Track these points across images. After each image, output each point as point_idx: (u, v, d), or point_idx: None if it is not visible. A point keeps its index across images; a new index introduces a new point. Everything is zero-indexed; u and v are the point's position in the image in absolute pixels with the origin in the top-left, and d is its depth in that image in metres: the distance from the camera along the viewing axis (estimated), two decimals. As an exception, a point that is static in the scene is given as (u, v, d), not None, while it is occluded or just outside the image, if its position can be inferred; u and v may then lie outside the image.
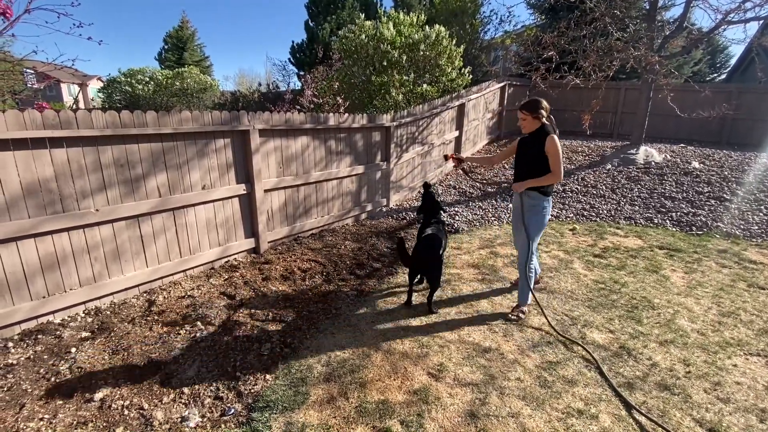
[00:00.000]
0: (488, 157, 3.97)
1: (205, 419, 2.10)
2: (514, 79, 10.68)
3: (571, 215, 5.99)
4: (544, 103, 2.96)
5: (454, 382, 2.44)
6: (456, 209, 6.21)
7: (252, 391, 2.32)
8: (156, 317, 3.02)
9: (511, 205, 6.15)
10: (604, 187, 6.92)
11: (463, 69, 8.32)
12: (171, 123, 3.40)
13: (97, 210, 3.04)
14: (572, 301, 3.54)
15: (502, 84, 9.92)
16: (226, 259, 4.12)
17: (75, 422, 2.05)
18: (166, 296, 3.35)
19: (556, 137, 2.88)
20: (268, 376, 2.45)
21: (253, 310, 3.18)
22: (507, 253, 4.60)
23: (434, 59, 7.67)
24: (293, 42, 21.16)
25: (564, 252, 4.66)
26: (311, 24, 20.56)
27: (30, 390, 2.26)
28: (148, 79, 19.55)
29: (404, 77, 7.31)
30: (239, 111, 3.94)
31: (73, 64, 2.89)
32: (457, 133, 8.05)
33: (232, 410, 2.16)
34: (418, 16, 7.77)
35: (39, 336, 2.75)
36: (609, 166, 7.76)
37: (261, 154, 4.20)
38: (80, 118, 2.86)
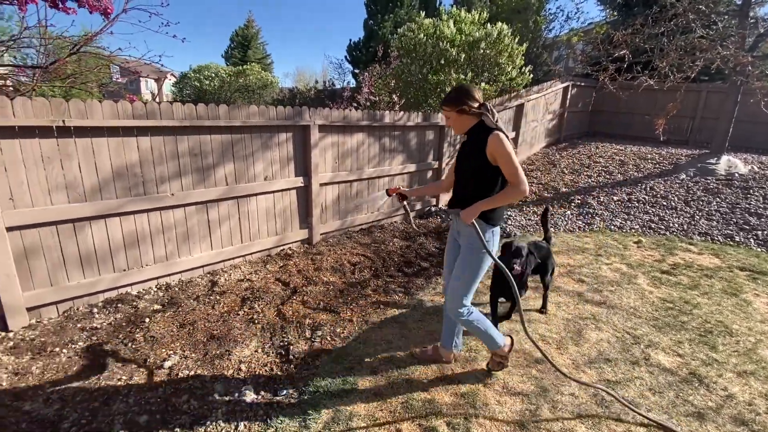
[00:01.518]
0: (435, 186, 2.77)
1: (260, 396, 2.22)
2: (578, 80, 10.10)
3: (637, 227, 5.57)
4: (473, 91, 2.09)
5: (503, 390, 2.37)
6: (509, 213, 6.01)
7: (302, 375, 2.41)
8: (218, 297, 3.24)
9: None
10: (676, 199, 6.35)
11: (524, 68, 8.01)
12: (240, 116, 3.61)
13: (172, 194, 3.31)
14: (635, 318, 3.30)
15: (565, 84, 9.43)
16: (281, 248, 4.32)
17: (147, 386, 2.25)
18: (227, 278, 3.58)
19: (502, 134, 1.98)
20: (317, 362, 2.53)
21: (305, 298, 3.31)
22: (563, 262, 4.38)
23: (494, 58, 7.45)
24: (350, 40, 21.58)
25: (627, 265, 4.35)
26: (370, 22, 20.81)
27: (111, 352, 2.52)
28: (214, 75, 20.84)
29: (461, 76, 7.18)
30: (300, 107, 4.10)
31: (159, 60, 3.16)
32: (513, 134, 7.78)
33: (285, 391, 2.27)
34: (480, 14, 7.59)
35: (119, 305, 3.05)
36: (683, 176, 7.11)
37: (319, 149, 4.34)
38: (163, 109, 3.13)
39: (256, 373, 2.41)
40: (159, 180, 3.25)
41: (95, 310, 2.98)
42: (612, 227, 5.55)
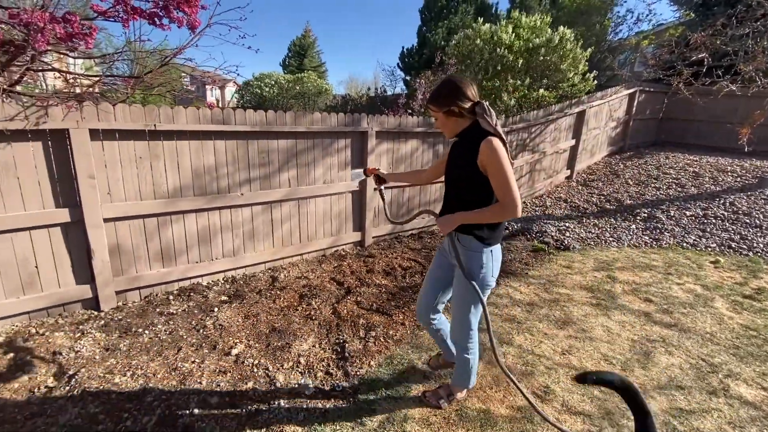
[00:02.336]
0: (415, 174, 2.40)
1: (317, 390, 2.32)
2: (646, 85, 9.44)
3: (713, 245, 5.09)
4: (464, 87, 1.72)
5: (563, 408, 2.28)
6: (566, 224, 5.75)
7: (358, 373, 2.48)
8: (278, 292, 3.42)
9: None
10: (761, 216, 5.72)
11: (587, 74, 7.66)
12: (304, 123, 3.81)
13: (242, 194, 3.56)
14: (712, 345, 3.02)
15: (631, 90, 8.86)
16: (335, 249, 4.46)
17: (217, 370, 2.44)
18: (286, 275, 3.77)
19: (497, 140, 1.66)
20: (372, 363, 2.59)
21: (358, 298, 3.39)
22: (627, 279, 4.11)
23: (555, 63, 7.20)
24: (403, 47, 21.81)
25: (702, 287, 3.99)
26: (423, 29, 20.92)
27: (185, 336, 2.76)
28: (273, 83, 21.97)
29: (518, 82, 7.02)
30: (359, 114, 4.23)
31: (236, 71, 3.42)
32: (573, 142, 7.44)
33: (341, 387, 2.35)
34: (542, 19, 7.38)
35: (191, 294, 3.33)
36: (771, 191, 6.38)
37: (375, 155, 4.45)
38: (237, 115, 3.38)
39: (314, 367, 2.52)
40: (231, 181, 3.50)
41: (171, 297, 3.27)
42: (684, 244, 5.12)
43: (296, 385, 2.33)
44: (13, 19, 2.23)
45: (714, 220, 5.69)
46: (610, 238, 5.32)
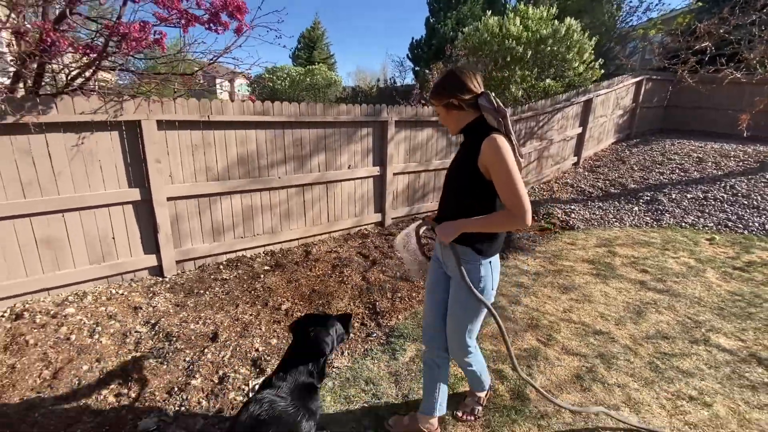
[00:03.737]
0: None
1: (356, 336, 2.79)
2: (653, 73, 9.65)
3: (711, 224, 5.42)
4: (466, 77, 1.57)
5: (562, 351, 2.72)
6: (572, 207, 6.12)
7: (388, 324, 2.94)
8: (313, 263, 3.89)
9: None
10: (759, 198, 6.02)
11: (592, 62, 7.92)
12: (332, 114, 4.23)
13: (279, 178, 4.02)
14: (699, 306, 3.41)
15: (638, 79, 9.09)
16: (358, 228, 4.92)
17: (272, 320, 2.92)
18: (317, 250, 4.24)
19: (501, 138, 1.48)
20: (400, 317, 3.05)
21: (383, 268, 3.84)
22: (626, 253, 4.50)
23: (562, 53, 7.49)
24: (413, 38, 21.95)
25: (696, 260, 4.36)
26: (432, 20, 21.05)
27: (240, 296, 3.24)
28: (285, 76, 22.30)
29: (526, 72, 7.33)
30: (380, 105, 4.64)
31: (259, 63, 3.82)
32: (580, 130, 7.75)
33: (375, 334, 2.81)
34: (548, 10, 7.65)
35: (238, 264, 3.81)
36: (771, 175, 6.65)
37: (394, 143, 4.86)
38: (275, 107, 3.82)
39: (353, 315, 2.98)
40: (269, 166, 3.96)
41: (221, 266, 3.76)
42: (683, 224, 5.47)
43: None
44: (108, 29, 2.68)
45: (713, 202, 6.01)
46: (613, 219, 5.68)
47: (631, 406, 2.24)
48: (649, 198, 6.31)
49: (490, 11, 7.97)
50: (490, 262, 1.67)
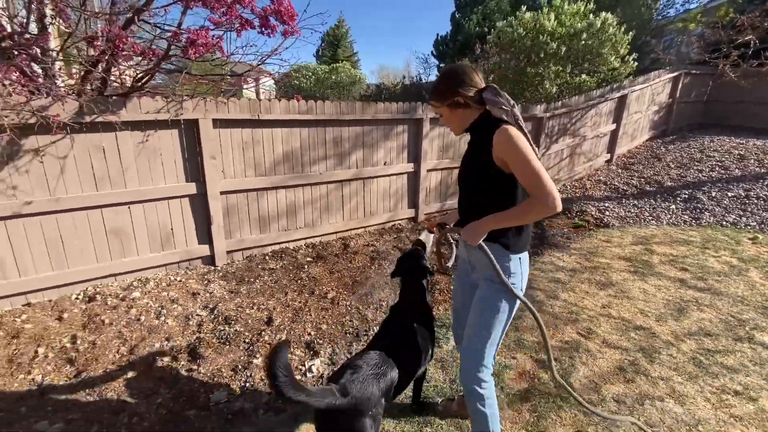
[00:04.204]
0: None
1: (400, 325, 2.92)
2: (691, 68, 9.33)
3: (753, 223, 5.27)
4: (467, 74, 1.52)
5: (603, 344, 2.77)
6: (606, 204, 6.06)
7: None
8: (352, 255, 4.05)
9: None
10: (807, 197, 5.79)
11: (627, 57, 7.75)
12: (370, 112, 4.37)
13: (320, 174, 4.19)
14: (742, 305, 3.37)
15: (675, 74, 8.82)
16: (392, 223, 5.05)
17: (319, 308, 3.09)
18: (354, 243, 4.40)
19: (511, 128, 1.42)
20: (439, 308, 3.17)
21: (421, 263, 3.96)
22: (664, 251, 4.45)
23: (596, 48, 7.36)
24: (437, 35, 21.89)
25: (738, 259, 4.27)
26: (457, 15, 20.89)
27: (288, 285, 3.43)
28: (310, 74, 22.61)
29: (560, 68, 7.25)
30: (415, 102, 4.74)
31: (298, 65, 3.98)
32: (613, 126, 7.62)
33: (418, 323, 2.93)
34: (586, 5, 7.53)
35: (282, 255, 4.01)
36: (820, 173, 6.37)
37: (428, 139, 4.96)
38: (318, 106, 3.99)
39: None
40: (311, 162, 4.13)
41: (267, 257, 3.97)
42: (724, 223, 5.33)
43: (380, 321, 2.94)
44: (175, 37, 2.90)
45: (756, 201, 5.82)
46: (649, 217, 5.60)
47: (676, 398, 2.28)
48: (687, 196, 6.16)
49: (525, 7, 7.88)
50: (519, 258, 1.56)
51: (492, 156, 1.44)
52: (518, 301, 1.56)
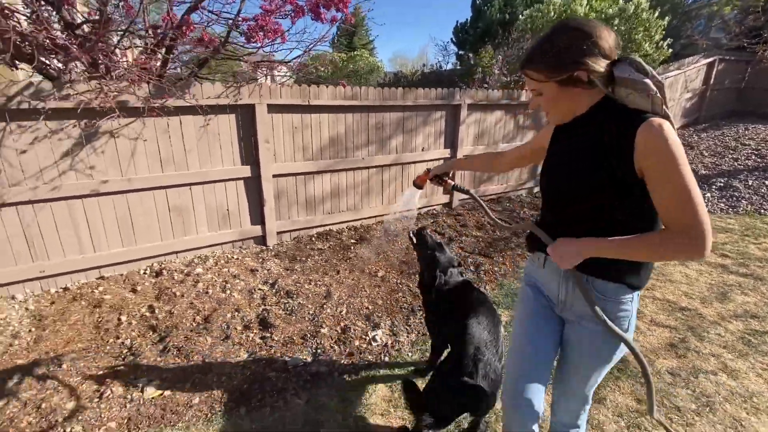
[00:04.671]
0: (488, 157, 1.72)
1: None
2: (726, 53, 9.09)
3: (794, 212, 5.21)
4: (598, 34, 1.00)
5: (651, 323, 2.85)
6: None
7: (478, 293, 3.18)
8: (393, 238, 4.19)
9: None
10: None
11: (661, 42, 7.60)
12: (410, 98, 4.45)
13: (363, 158, 4.31)
14: (787, 290, 3.40)
15: (710, 59, 8.61)
16: (428, 208, 5.15)
17: (371, 285, 3.24)
18: (394, 227, 4.52)
19: (668, 125, 0.96)
20: (487, 287, 3.28)
21: (461, 245, 4.08)
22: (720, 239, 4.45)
23: (628, 33, 7.24)
24: (457, 21, 21.59)
25: (779, 246, 4.26)
26: (478, 2, 20.52)
27: (338, 264, 3.59)
28: (328, 62, 22.52)
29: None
30: (453, 88, 4.80)
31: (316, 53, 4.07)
32: (645, 114, 7.52)
33: (469, 301, 3.06)
34: (617, -11, 7.40)
35: (327, 236, 4.17)
36: None
37: (465, 126, 5.02)
38: (362, 92, 4.09)
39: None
40: (355, 147, 4.25)
41: (313, 238, 4.13)
42: (762, 211, 5.29)
43: (435, 298, 3.08)
44: (246, 21, 3.03)
45: (796, 189, 5.73)
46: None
47: (728, 373, 2.36)
48: (722, 184, 6.10)
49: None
50: (633, 298, 1.17)
51: (633, 161, 0.98)
52: (621, 351, 1.21)
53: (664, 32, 7.61)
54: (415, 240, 2.23)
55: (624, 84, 1.00)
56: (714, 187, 6.06)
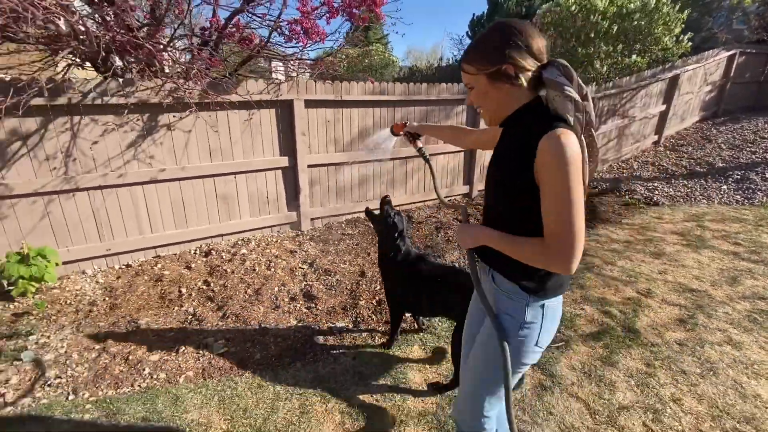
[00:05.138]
0: (457, 130, 1.78)
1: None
2: (747, 46, 9.03)
3: (810, 203, 5.30)
4: (526, 34, 1.04)
5: (662, 302, 3.08)
6: (654, 184, 6.18)
7: (500, 274, 3.44)
8: (417, 225, 4.47)
9: None
10: None
11: (681, 36, 7.63)
12: (434, 92, 4.70)
13: (390, 150, 4.59)
14: (796, 275, 3.56)
15: (730, 52, 8.58)
16: (449, 198, 5.41)
17: (401, 266, 3.52)
18: (417, 215, 4.80)
19: (568, 135, 0.98)
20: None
21: (482, 232, 4.33)
22: (716, 228, 4.62)
23: (648, 27, 7.31)
24: (474, 15, 21.52)
25: (792, 236, 4.40)
26: (495, -5, 20.44)
27: (368, 247, 3.89)
28: (343, 57, 22.64)
29: (610, 48, 7.27)
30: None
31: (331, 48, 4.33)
32: (663, 108, 7.59)
33: (491, 280, 3.33)
34: (636, -17, 7.44)
35: (356, 223, 4.47)
36: None
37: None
38: (389, 87, 4.35)
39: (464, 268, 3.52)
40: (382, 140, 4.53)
41: (343, 224, 4.44)
42: None
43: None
44: (290, 24, 3.33)
45: (813, 181, 5.79)
46: (700, 197, 5.70)
47: (732, 344, 2.59)
48: (739, 177, 6.18)
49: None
50: (542, 305, 1.17)
51: (532, 164, 1.02)
52: (533, 349, 1.20)
53: (683, 25, 7.64)
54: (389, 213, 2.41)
55: (551, 86, 1.02)
56: (731, 179, 6.16)
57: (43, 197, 3.07)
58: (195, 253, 3.67)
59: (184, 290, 3.07)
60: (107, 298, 2.98)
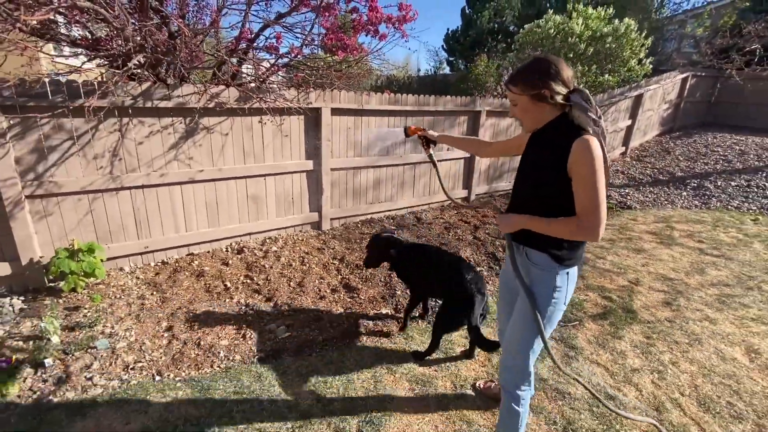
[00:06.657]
0: (475, 141, 2.21)
1: (487, 278, 3.73)
2: (698, 70, 10.20)
3: (754, 208, 6.17)
4: (561, 67, 1.42)
5: (649, 288, 3.61)
6: (626, 191, 6.92)
7: (511, 267, 3.88)
8: (428, 226, 4.84)
9: None
10: (799, 187, 6.71)
11: (644, 59, 8.57)
12: (441, 103, 5.13)
13: (401, 156, 4.95)
14: (749, 267, 4.24)
15: (684, 75, 9.68)
16: (450, 201, 5.84)
17: (423, 261, 3.87)
18: (425, 216, 5.18)
19: (595, 141, 1.36)
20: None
21: (487, 231, 4.77)
22: (683, 228, 5.32)
23: (618, 51, 8.17)
24: (448, 29, 22.47)
25: (744, 235, 5.15)
26: (468, 11, 21.44)
27: (389, 245, 4.21)
28: (322, 65, 22.84)
29: (586, 68, 8.05)
30: (474, 96, 5.50)
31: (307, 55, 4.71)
32: (629, 122, 8.46)
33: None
34: (605, 11, 8.31)
35: (371, 223, 4.79)
36: (810, 167, 7.29)
37: (483, 129, 5.73)
38: (403, 98, 4.73)
39: (479, 263, 3.92)
40: (393, 146, 4.89)
41: (358, 225, 4.74)
42: (729, 207, 6.23)
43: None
44: (307, 40, 3.63)
45: (756, 189, 6.73)
46: (665, 202, 6.47)
47: (709, 321, 3.14)
48: (696, 185, 7.05)
49: (552, 11, 8.62)
50: (567, 272, 1.53)
51: (566, 163, 1.38)
52: (561, 307, 1.56)
53: (647, 50, 8.58)
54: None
55: (576, 107, 1.42)
56: (689, 186, 7.01)
57: (89, 195, 3.18)
58: (227, 251, 3.85)
59: (228, 284, 3.26)
60: (155, 292, 3.12)
